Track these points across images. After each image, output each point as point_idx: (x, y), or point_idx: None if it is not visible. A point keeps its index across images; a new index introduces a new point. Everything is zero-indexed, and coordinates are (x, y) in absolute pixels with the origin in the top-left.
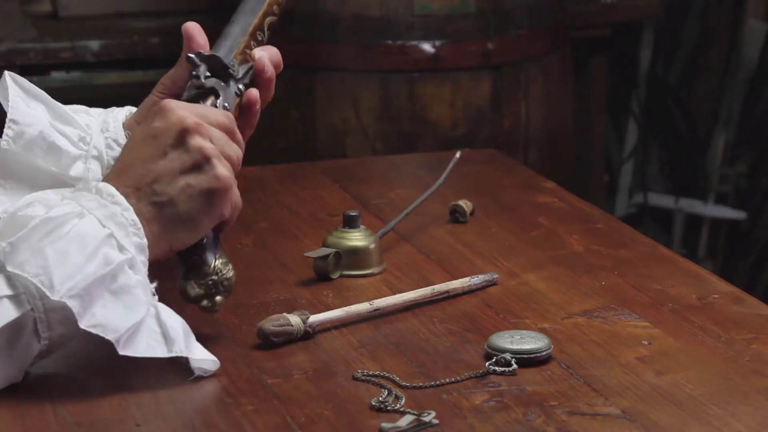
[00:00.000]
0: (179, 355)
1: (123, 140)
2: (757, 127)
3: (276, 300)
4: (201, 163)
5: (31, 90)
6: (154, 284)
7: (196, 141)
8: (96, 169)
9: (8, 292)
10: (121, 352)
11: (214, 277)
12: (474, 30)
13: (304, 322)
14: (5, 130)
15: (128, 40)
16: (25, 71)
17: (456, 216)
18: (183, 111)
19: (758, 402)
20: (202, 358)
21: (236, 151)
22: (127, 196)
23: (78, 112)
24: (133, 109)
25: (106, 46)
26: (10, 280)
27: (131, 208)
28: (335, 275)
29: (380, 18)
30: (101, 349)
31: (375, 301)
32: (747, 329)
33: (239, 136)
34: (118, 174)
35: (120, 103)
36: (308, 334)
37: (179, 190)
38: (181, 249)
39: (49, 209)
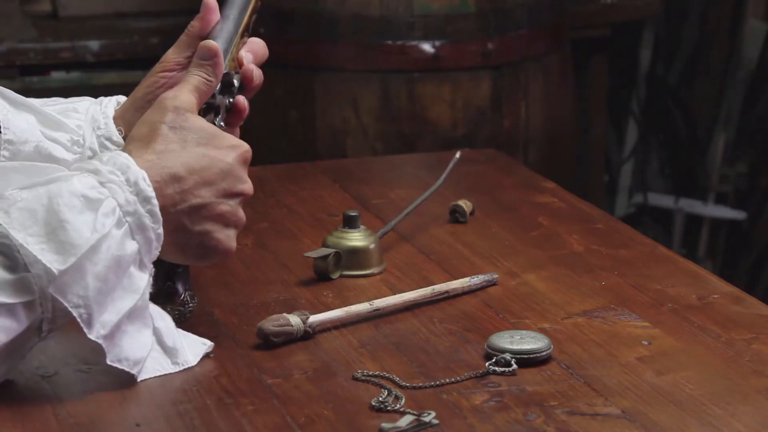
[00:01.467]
0: (185, 366)
1: (116, 137)
2: (757, 127)
3: (276, 300)
4: (231, 227)
5: (18, 100)
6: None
7: (242, 210)
8: None
9: (23, 298)
10: (139, 379)
11: (181, 308)
12: (474, 30)
13: (304, 322)
14: (2, 152)
15: (128, 40)
16: (25, 71)
17: (456, 216)
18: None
19: (758, 402)
20: (198, 356)
21: None
22: (170, 201)
23: (67, 112)
24: (122, 99)
25: (106, 46)
26: (27, 283)
27: (161, 221)
28: (335, 275)
29: (380, 18)
30: (100, 349)
31: (375, 301)
32: (747, 329)
33: None
34: (172, 174)
35: None
36: (308, 334)
37: (203, 230)
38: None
39: (94, 213)
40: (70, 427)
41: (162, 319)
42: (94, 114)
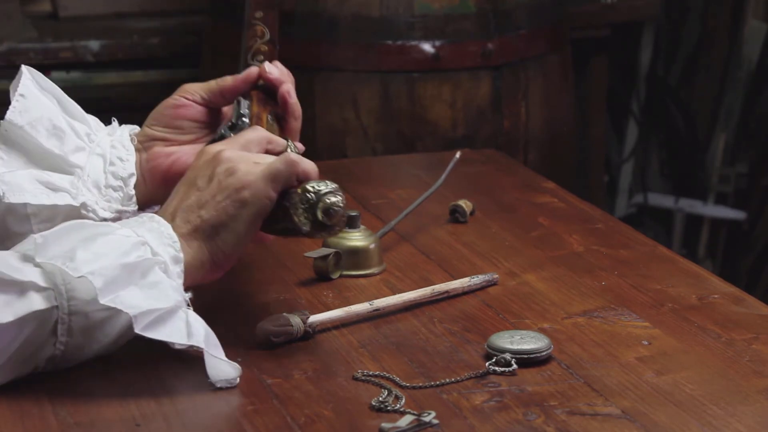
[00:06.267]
0: (197, 346)
1: (128, 144)
2: (757, 127)
3: (276, 300)
4: (227, 173)
5: (47, 86)
6: (189, 294)
7: (225, 154)
8: (98, 165)
9: (39, 282)
10: (137, 329)
11: (311, 197)
12: (474, 30)
13: (304, 322)
14: (13, 102)
15: (128, 40)
16: None
17: (456, 216)
18: (216, 146)
19: (758, 402)
20: (220, 357)
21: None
22: (169, 215)
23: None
24: (136, 128)
25: (106, 46)
26: (43, 274)
27: (170, 225)
28: (335, 275)
29: (380, 18)
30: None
31: (375, 301)
32: (747, 329)
33: (273, 136)
34: (165, 215)
35: (119, 103)
36: (308, 334)
37: (214, 203)
38: (228, 253)
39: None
40: (70, 427)
41: (199, 322)
42: (113, 126)
